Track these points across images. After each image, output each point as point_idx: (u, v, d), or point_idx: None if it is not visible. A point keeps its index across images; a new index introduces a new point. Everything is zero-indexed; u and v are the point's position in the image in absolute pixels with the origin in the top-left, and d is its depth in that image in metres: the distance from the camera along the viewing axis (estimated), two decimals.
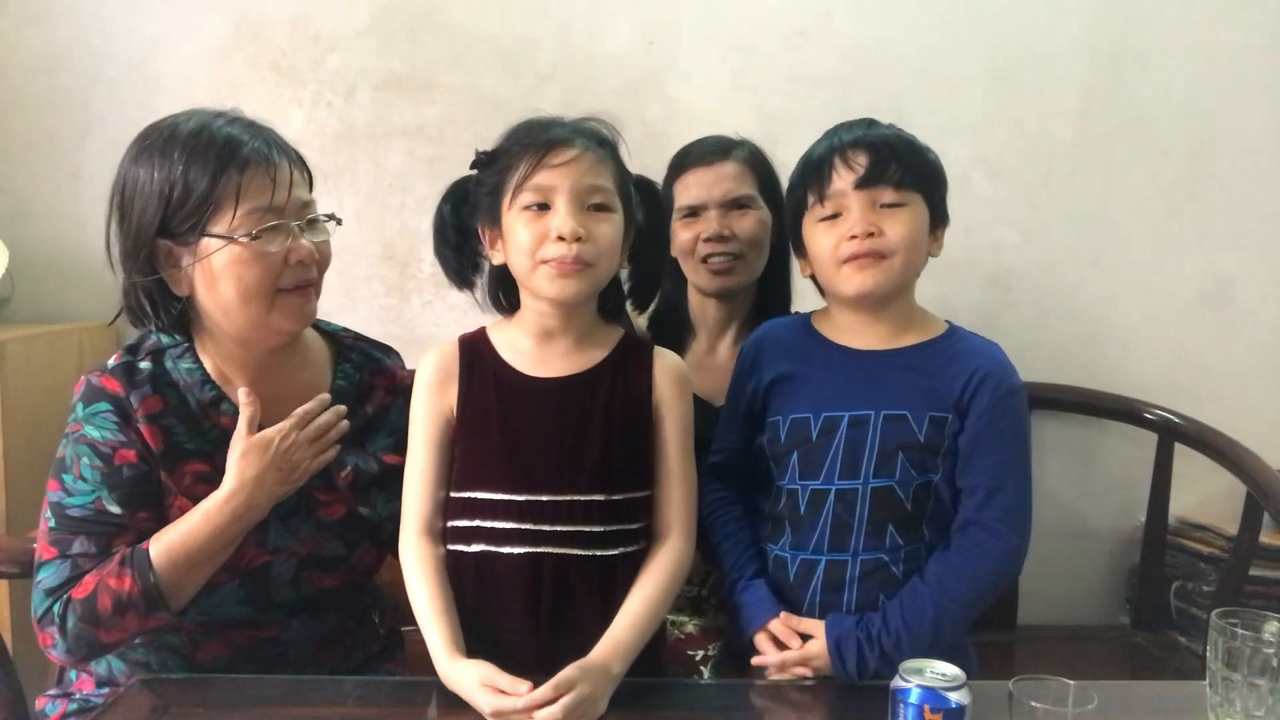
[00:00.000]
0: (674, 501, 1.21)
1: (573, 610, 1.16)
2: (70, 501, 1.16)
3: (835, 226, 1.24)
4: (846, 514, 1.24)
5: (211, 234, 1.14)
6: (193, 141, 1.15)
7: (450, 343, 1.23)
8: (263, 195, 1.15)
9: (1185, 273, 2.14)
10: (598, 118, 1.20)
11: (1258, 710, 0.98)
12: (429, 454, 1.19)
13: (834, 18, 2.07)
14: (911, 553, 1.24)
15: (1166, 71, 2.09)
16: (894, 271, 1.23)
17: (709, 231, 1.57)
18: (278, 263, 1.17)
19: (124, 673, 1.24)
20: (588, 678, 1.05)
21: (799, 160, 1.32)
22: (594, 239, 1.13)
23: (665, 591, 1.17)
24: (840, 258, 1.24)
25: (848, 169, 1.23)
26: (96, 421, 1.17)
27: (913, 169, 1.24)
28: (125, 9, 2.05)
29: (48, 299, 2.08)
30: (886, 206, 1.23)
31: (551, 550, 1.15)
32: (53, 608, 1.13)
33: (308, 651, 1.27)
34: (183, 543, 1.13)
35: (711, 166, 1.60)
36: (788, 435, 1.28)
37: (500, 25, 2.06)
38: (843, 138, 1.26)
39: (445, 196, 1.24)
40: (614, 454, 1.17)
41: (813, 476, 1.25)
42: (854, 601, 1.23)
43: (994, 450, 1.22)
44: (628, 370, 1.20)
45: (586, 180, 1.13)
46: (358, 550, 1.28)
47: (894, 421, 1.23)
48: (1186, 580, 2.03)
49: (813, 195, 1.26)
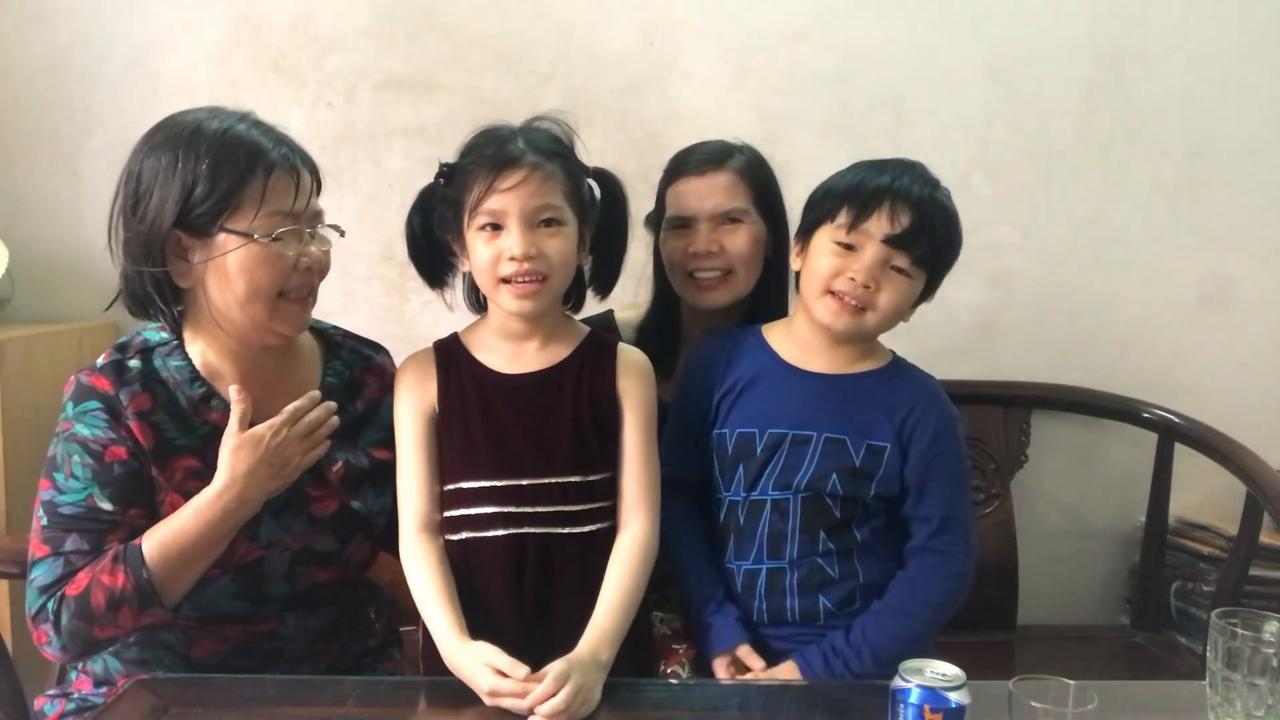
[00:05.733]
0: (637, 486, 1.26)
1: (554, 587, 1.22)
2: (62, 500, 1.16)
3: (842, 256, 1.27)
4: (781, 522, 1.30)
5: (230, 230, 1.16)
6: (220, 139, 1.17)
7: (424, 349, 1.30)
8: (285, 199, 1.19)
9: (1185, 273, 2.14)
10: (551, 117, 1.26)
11: (1258, 710, 0.98)
12: (418, 452, 1.25)
13: (834, 18, 2.07)
14: (844, 551, 1.30)
15: (1166, 71, 2.09)
16: (868, 326, 1.29)
17: (697, 246, 1.52)
18: (288, 266, 1.19)
19: (120, 672, 1.24)
20: (579, 668, 1.10)
21: (852, 166, 1.32)
22: (545, 255, 1.19)
23: (638, 575, 1.22)
24: (830, 287, 1.27)
25: (889, 220, 1.25)
26: (86, 420, 1.17)
27: (938, 251, 1.28)
28: (125, 9, 2.05)
29: (48, 299, 2.08)
30: (894, 269, 1.26)
31: (533, 531, 1.22)
32: (47, 605, 1.13)
33: (303, 646, 1.27)
34: (175, 538, 1.13)
35: (704, 176, 1.53)
36: (734, 449, 1.33)
37: (500, 25, 2.06)
38: (903, 183, 1.26)
39: (414, 207, 1.30)
40: (585, 439, 1.24)
41: (751, 488, 1.32)
42: (797, 608, 1.30)
43: (943, 479, 1.30)
44: (594, 364, 1.28)
45: (535, 201, 1.19)
46: (350, 544, 1.28)
47: (834, 444, 1.29)
48: (1186, 580, 2.03)
49: (845, 216, 1.27)
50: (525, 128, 1.25)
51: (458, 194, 1.23)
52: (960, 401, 1.43)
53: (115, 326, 2.03)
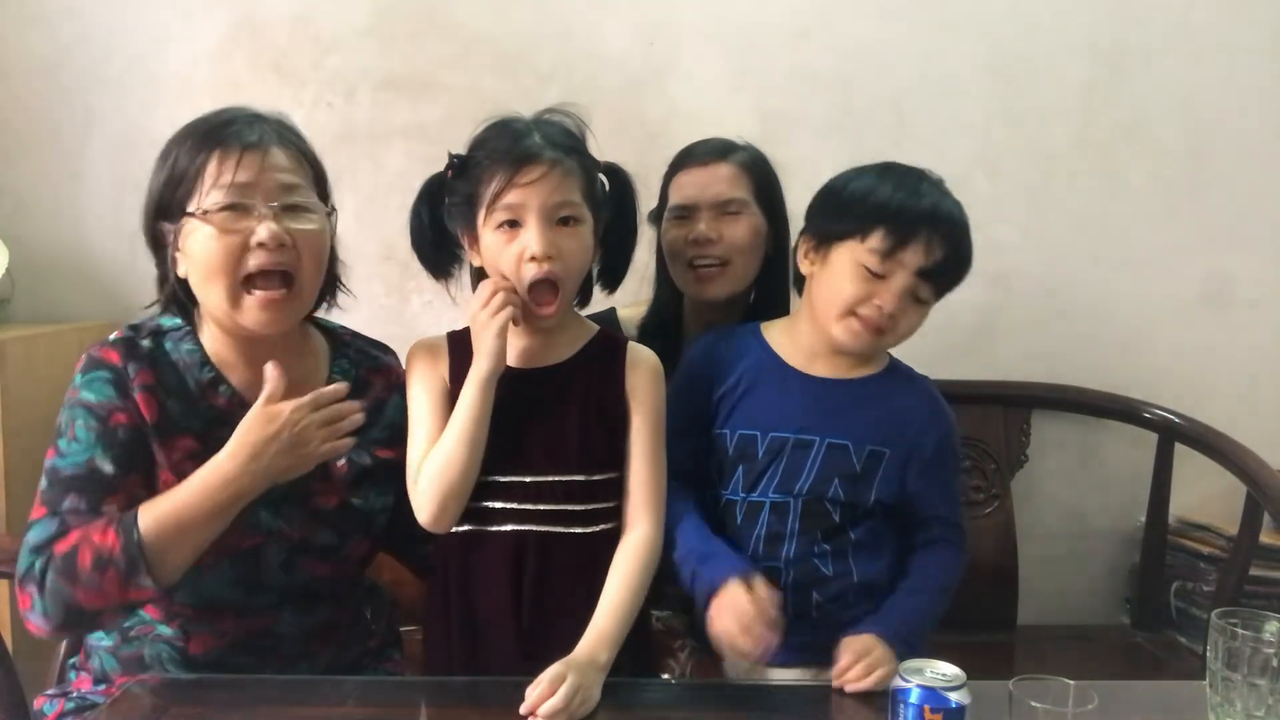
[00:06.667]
0: (644, 488, 1.25)
1: (554, 586, 1.21)
2: (63, 463, 1.16)
3: (869, 281, 1.24)
4: (779, 523, 1.30)
5: (188, 212, 1.17)
6: (195, 129, 1.20)
7: (437, 335, 1.30)
8: (227, 172, 1.16)
9: (1185, 273, 2.14)
10: (564, 109, 1.25)
11: (1258, 710, 0.98)
12: (432, 420, 1.23)
13: (834, 18, 2.07)
14: (839, 551, 1.30)
15: (1166, 71, 2.09)
16: (883, 346, 1.31)
17: (696, 233, 1.54)
18: (238, 243, 1.16)
19: (118, 670, 1.24)
20: (576, 668, 1.08)
21: (878, 174, 1.27)
22: (563, 257, 1.19)
23: (640, 578, 1.21)
24: (853, 310, 1.25)
25: (925, 252, 1.22)
26: (94, 387, 1.18)
27: (958, 280, 1.28)
28: (125, 9, 2.05)
29: (48, 299, 2.08)
30: (917, 298, 1.26)
31: (535, 528, 1.21)
32: (34, 564, 1.11)
33: (300, 645, 1.27)
34: (172, 507, 1.11)
35: (707, 167, 1.57)
36: (734, 450, 1.33)
37: (500, 25, 2.06)
38: (940, 213, 1.24)
39: (420, 197, 1.28)
40: (593, 438, 1.23)
41: (750, 490, 1.31)
42: (789, 604, 1.27)
43: (947, 479, 1.36)
44: (604, 362, 1.27)
45: (554, 198, 1.18)
46: (350, 541, 1.28)
47: (836, 450, 1.29)
48: (1186, 580, 2.03)
49: (879, 241, 1.22)
50: (540, 120, 1.23)
51: (471, 187, 1.21)
52: (960, 401, 1.44)
53: (115, 327, 2.01)
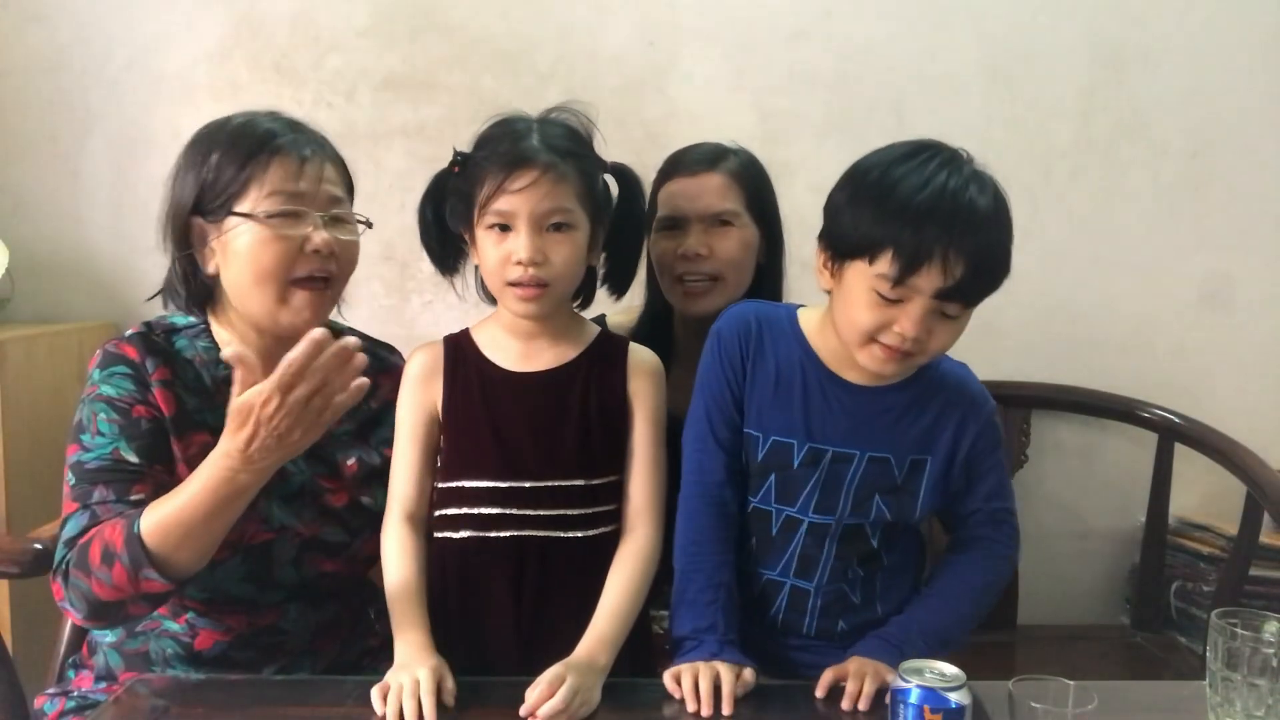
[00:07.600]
0: (644, 492, 1.24)
1: (554, 591, 1.21)
2: (88, 456, 1.17)
3: (884, 308, 1.11)
4: (815, 546, 1.24)
5: (237, 213, 1.19)
6: (237, 131, 1.22)
7: (435, 342, 1.28)
8: (288, 180, 1.20)
9: (1185, 273, 2.14)
10: (569, 109, 1.25)
11: (1258, 710, 0.97)
12: (413, 447, 1.24)
13: (834, 18, 2.07)
14: (868, 578, 1.27)
15: (1166, 71, 2.09)
16: (913, 366, 1.19)
17: (686, 248, 1.49)
18: (293, 248, 1.20)
19: (121, 667, 1.24)
20: (575, 671, 1.08)
21: (899, 167, 1.11)
22: (551, 262, 1.18)
23: (640, 581, 1.21)
24: (875, 337, 1.13)
25: (941, 274, 1.07)
26: (114, 381, 1.19)
27: (993, 288, 1.13)
28: (125, 9, 2.05)
29: (48, 299, 2.08)
30: (945, 315, 1.12)
31: (535, 533, 1.20)
32: (65, 558, 1.13)
33: (305, 641, 1.28)
34: (174, 504, 1.09)
35: (696, 177, 1.52)
36: (766, 455, 1.24)
37: (500, 25, 2.06)
38: (957, 230, 1.07)
39: (426, 195, 1.28)
40: (592, 442, 1.23)
41: (788, 503, 1.24)
42: (814, 627, 1.26)
43: (992, 472, 1.27)
44: (604, 365, 1.26)
45: (545, 204, 1.17)
46: (360, 538, 1.29)
47: (877, 463, 1.22)
48: (1186, 580, 2.03)
49: (888, 266, 1.09)
50: (542, 120, 1.23)
51: (469, 187, 1.21)
52: None
53: (115, 327, 2.03)
